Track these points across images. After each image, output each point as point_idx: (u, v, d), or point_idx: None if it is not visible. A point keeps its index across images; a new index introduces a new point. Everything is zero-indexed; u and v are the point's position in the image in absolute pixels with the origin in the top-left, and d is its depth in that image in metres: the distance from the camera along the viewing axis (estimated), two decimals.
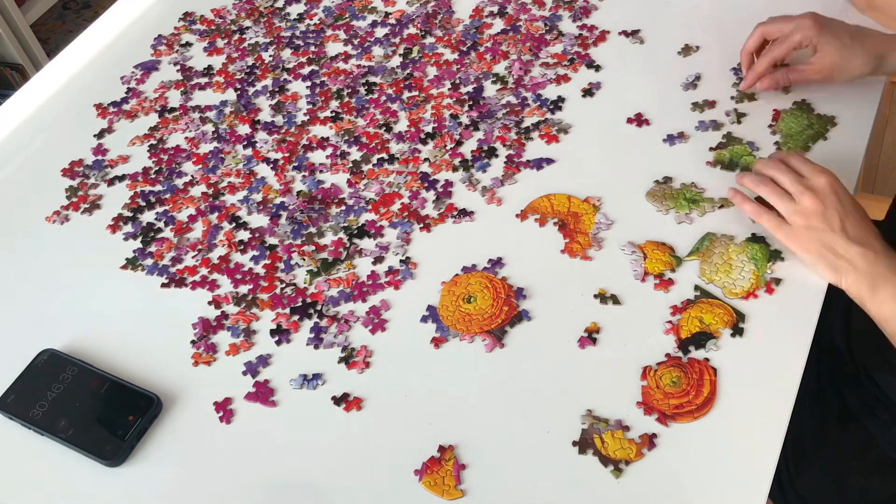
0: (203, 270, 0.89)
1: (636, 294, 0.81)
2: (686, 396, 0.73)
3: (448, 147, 0.97)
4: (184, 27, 1.19)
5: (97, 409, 0.77)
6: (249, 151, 1.00)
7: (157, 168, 1.00)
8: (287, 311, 0.84)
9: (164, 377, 0.79)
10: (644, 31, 1.06)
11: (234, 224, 0.93)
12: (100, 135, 1.05)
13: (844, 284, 0.75)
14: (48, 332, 0.84)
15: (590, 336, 0.78)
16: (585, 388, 0.75)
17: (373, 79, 1.06)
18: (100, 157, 1.02)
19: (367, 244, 0.89)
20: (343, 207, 0.92)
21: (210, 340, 0.82)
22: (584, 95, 1.00)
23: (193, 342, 0.82)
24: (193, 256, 0.90)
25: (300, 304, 0.84)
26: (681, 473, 0.69)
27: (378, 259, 0.87)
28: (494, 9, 1.13)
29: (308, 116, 1.03)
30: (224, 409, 0.77)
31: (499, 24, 1.11)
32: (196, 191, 0.97)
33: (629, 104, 0.97)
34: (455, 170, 0.94)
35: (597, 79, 1.02)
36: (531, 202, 0.90)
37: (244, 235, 0.91)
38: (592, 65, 1.03)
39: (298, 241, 0.90)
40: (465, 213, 0.90)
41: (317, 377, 0.78)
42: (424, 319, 0.81)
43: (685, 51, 1.03)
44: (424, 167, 0.95)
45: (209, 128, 1.04)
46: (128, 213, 0.95)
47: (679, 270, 0.82)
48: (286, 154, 0.99)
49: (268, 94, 1.07)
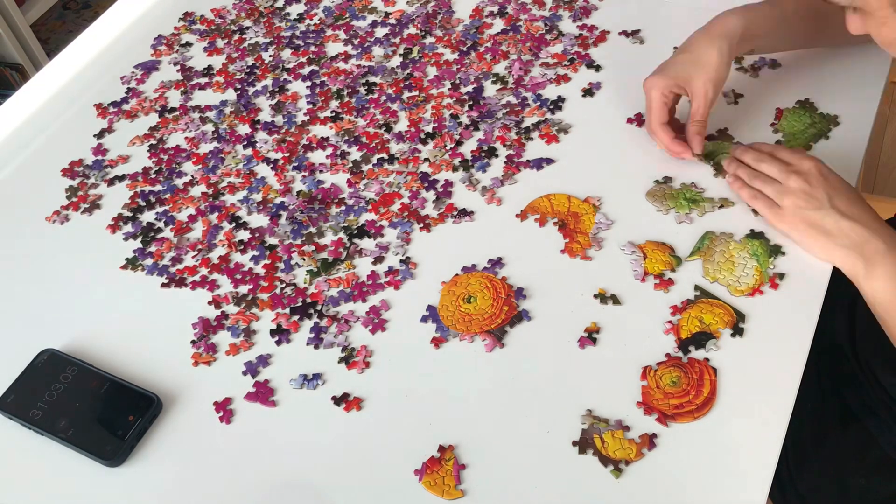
0: (203, 270, 0.89)
1: (636, 294, 0.80)
2: (686, 396, 0.73)
3: (448, 147, 0.97)
4: (184, 27, 1.19)
5: (97, 409, 0.77)
6: (249, 151, 1.00)
7: (157, 168, 1.00)
8: (287, 311, 0.84)
9: (164, 377, 0.79)
10: (644, 31, 1.06)
11: (234, 224, 0.93)
12: (100, 135, 1.05)
13: (839, 261, 0.75)
14: (48, 332, 0.84)
15: (590, 336, 0.78)
16: (585, 388, 0.75)
17: (373, 79, 1.06)
18: (100, 157, 1.02)
19: (367, 244, 0.89)
20: (343, 207, 0.92)
21: (210, 340, 0.82)
22: (584, 95, 1.00)
23: (193, 342, 0.82)
24: (193, 256, 0.90)
25: (300, 304, 0.84)
26: (681, 473, 0.69)
27: (378, 259, 0.87)
28: (494, 9, 1.13)
29: (308, 116, 1.03)
30: (224, 409, 0.77)
31: (499, 24, 1.11)
32: (196, 191, 0.97)
33: (629, 104, 0.97)
34: (455, 170, 0.94)
35: (597, 79, 1.02)
36: (531, 202, 0.90)
37: (244, 235, 0.91)
38: (592, 65, 1.03)
39: (298, 241, 0.90)
40: (465, 213, 0.90)
41: (317, 377, 0.78)
42: (424, 319, 0.81)
43: None
44: (424, 167, 0.95)
45: (209, 128, 1.04)
46: (128, 213, 0.95)
47: (679, 270, 0.82)
48: (286, 154, 0.99)
49: (268, 94, 1.07)
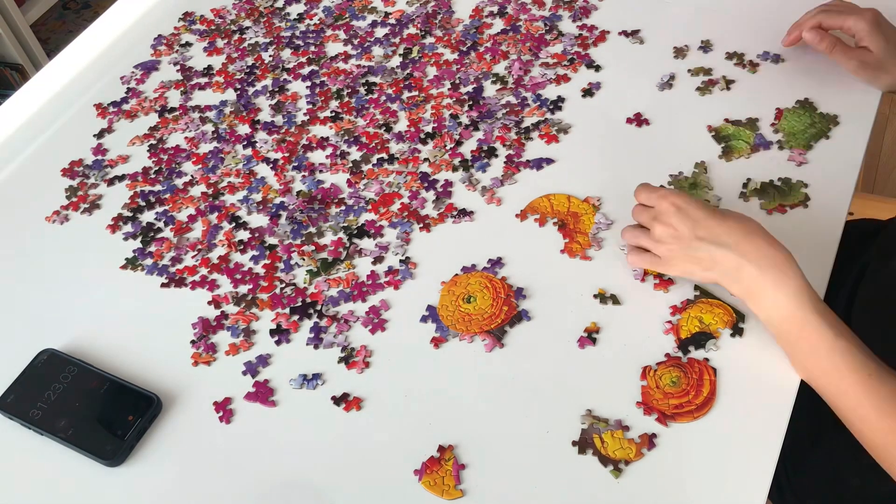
0: (203, 270, 0.89)
1: (636, 294, 0.80)
2: (686, 396, 0.73)
3: (448, 147, 0.97)
4: (184, 27, 1.19)
5: (97, 409, 0.77)
6: (249, 151, 1.00)
7: (157, 168, 1.00)
8: (287, 311, 0.84)
9: (164, 377, 0.79)
10: (644, 31, 1.06)
11: (234, 224, 0.93)
12: (100, 135, 1.05)
13: (729, 290, 0.74)
14: (48, 332, 0.84)
15: (589, 336, 0.78)
16: (585, 388, 0.75)
17: (373, 79, 1.06)
18: (100, 157, 1.02)
19: (367, 244, 0.89)
20: (343, 207, 0.92)
21: (210, 340, 0.82)
22: (584, 95, 1.00)
23: (193, 342, 0.82)
24: (193, 256, 0.90)
25: (300, 304, 0.84)
26: (681, 473, 0.69)
27: (378, 259, 0.87)
28: (494, 9, 1.13)
29: (308, 116, 1.03)
30: (224, 409, 0.77)
31: (499, 24, 1.11)
32: (196, 191, 0.97)
33: (629, 104, 0.97)
34: (455, 170, 0.94)
35: (597, 79, 1.02)
36: (531, 202, 0.90)
37: (244, 235, 0.91)
38: (592, 65, 1.03)
39: (298, 241, 0.90)
40: (465, 213, 0.90)
41: (317, 377, 0.78)
42: (424, 319, 0.81)
43: (685, 50, 1.03)
44: (424, 167, 0.95)
45: (209, 128, 1.04)
46: (128, 213, 0.95)
47: None
48: (286, 154, 0.99)
49: (268, 94, 1.07)
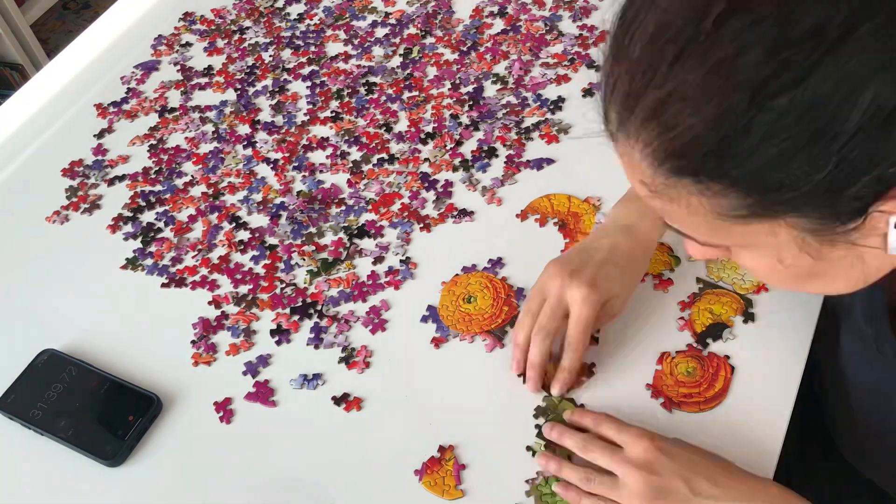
0: (203, 270, 0.89)
1: (640, 294, 0.80)
2: (697, 388, 0.73)
3: (448, 147, 0.96)
4: (184, 27, 1.19)
5: (97, 409, 0.77)
6: (249, 151, 1.00)
7: (157, 168, 0.99)
8: (287, 311, 0.84)
9: (164, 377, 0.79)
10: None
11: (234, 224, 0.92)
12: (100, 135, 1.05)
13: None
14: (48, 332, 0.84)
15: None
16: (587, 386, 0.75)
17: (373, 79, 1.06)
18: (100, 157, 1.02)
19: (367, 244, 0.89)
20: (343, 207, 0.92)
21: (210, 340, 0.82)
22: (585, 95, 1.00)
23: (193, 342, 0.82)
24: (193, 256, 0.90)
25: (300, 304, 0.84)
26: None
27: (378, 259, 0.87)
28: (494, 9, 1.13)
29: (308, 116, 1.03)
30: (224, 409, 0.77)
31: (499, 24, 1.11)
32: (196, 191, 0.97)
33: None
34: (455, 170, 0.94)
35: (597, 79, 1.01)
36: (531, 202, 0.90)
37: (244, 235, 0.91)
38: (593, 65, 1.03)
39: (298, 241, 0.90)
40: (465, 213, 0.90)
41: (317, 377, 0.78)
42: (424, 319, 0.81)
43: None
44: (424, 167, 0.95)
45: (209, 128, 1.04)
46: (128, 213, 0.95)
47: (678, 270, 0.82)
48: (286, 154, 0.99)
49: (268, 94, 1.07)
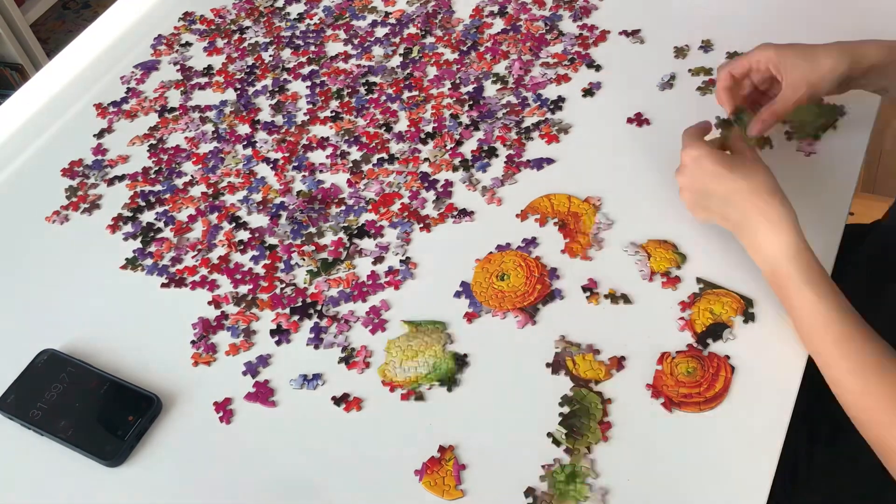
0: (203, 270, 0.89)
1: (645, 293, 0.80)
2: (697, 388, 0.73)
3: (448, 147, 0.96)
4: (184, 27, 1.19)
5: (97, 409, 0.77)
6: (249, 151, 1.00)
7: (157, 168, 0.99)
8: (287, 311, 0.84)
9: (164, 377, 0.79)
10: (644, 31, 1.06)
11: (234, 224, 0.92)
12: (100, 135, 1.05)
13: (739, 240, 0.77)
14: (48, 332, 0.84)
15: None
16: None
17: (373, 79, 1.06)
18: (100, 157, 1.02)
19: (367, 244, 0.89)
20: (343, 207, 0.92)
21: (210, 340, 0.82)
22: (585, 95, 1.00)
23: (193, 342, 0.82)
24: (193, 256, 0.90)
25: (300, 304, 0.84)
26: (679, 461, 0.69)
27: (378, 259, 0.87)
28: (494, 8, 1.13)
29: (308, 116, 1.03)
30: (224, 409, 0.77)
31: (499, 24, 1.11)
32: (196, 191, 0.97)
33: (629, 104, 0.97)
34: (455, 170, 0.94)
35: (597, 79, 1.01)
36: (531, 202, 0.90)
37: (244, 235, 0.91)
38: (592, 65, 1.03)
39: (298, 241, 0.90)
40: (466, 213, 0.90)
41: (317, 377, 0.78)
42: (458, 295, 0.82)
43: (686, 50, 1.03)
44: (424, 167, 0.95)
45: (209, 128, 1.04)
46: (128, 213, 0.95)
47: (684, 266, 0.82)
48: (286, 154, 0.99)
49: (268, 94, 1.07)
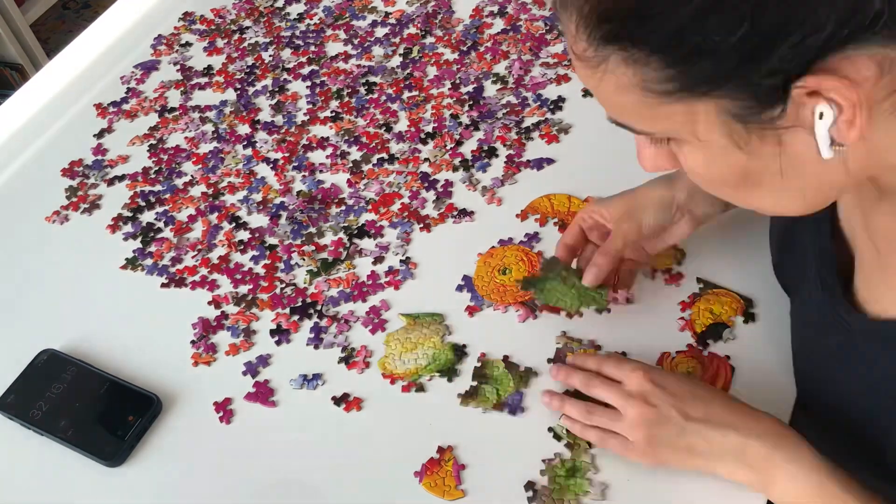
0: (203, 270, 0.89)
1: (644, 293, 0.80)
2: None
3: (448, 147, 0.96)
4: (184, 27, 1.19)
5: (97, 409, 0.77)
6: (249, 151, 1.00)
7: (157, 168, 0.99)
8: (287, 311, 0.84)
9: (164, 377, 0.79)
10: None
11: (234, 224, 0.92)
12: (100, 135, 1.05)
13: (729, 476, 0.64)
14: (48, 332, 0.84)
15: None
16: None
17: (373, 79, 1.06)
18: (100, 157, 1.02)
19: (367, 244, 0.89)
20: (343, 207, 0.92)
21: (210, 340, 0.82)
22: (585, 95, 1.00)
23: (193, 342, 0.82)
24: (193, 256, 0.90)
25: (300, 304, 0.84)
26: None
27: (378, 259, 0.87)
28: (494, 8, 1.13)
29: (308, 116, 1.03)
30: (224, 409, 0.77)
31: (499, 24, 1.11)
32: (196, 191, 0.97)
33: None
34: (455, 170, 0.94)
35: None
36: (531, 202, 0.90)
37: (244, 235, 0.91)
38: None
39: (298, 241, 0.90)
40: (466, 213, 0.90)
41: (317, 377, 0.78)
42: (460, 289, 0.83)
43: None
44: (424, 167, 0.95)
45: (209, 128, 1.03)
46: (128, 213, 0.95)
47: (685, 263, 0.82)
48: (286, 154, 0.99)
49: (268, 94, 1.07)
